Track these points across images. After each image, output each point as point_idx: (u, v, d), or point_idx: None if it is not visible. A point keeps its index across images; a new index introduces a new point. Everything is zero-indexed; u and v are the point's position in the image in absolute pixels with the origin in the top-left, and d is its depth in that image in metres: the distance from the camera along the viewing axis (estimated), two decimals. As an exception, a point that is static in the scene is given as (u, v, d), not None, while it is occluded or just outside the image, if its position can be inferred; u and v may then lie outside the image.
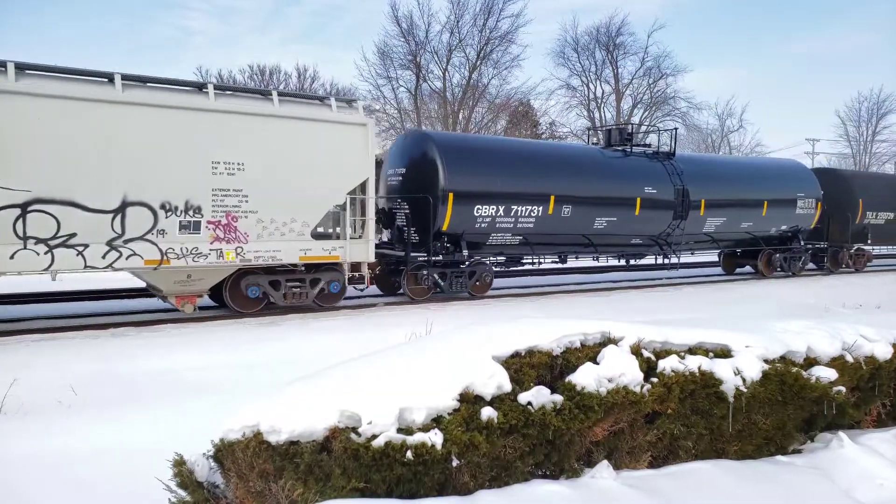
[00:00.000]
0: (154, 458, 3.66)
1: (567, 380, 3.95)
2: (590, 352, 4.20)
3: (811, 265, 20.73)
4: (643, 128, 18.11)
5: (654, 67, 45.50)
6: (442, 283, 13.07)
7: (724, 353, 4.66)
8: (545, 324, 4.34)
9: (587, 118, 46.42)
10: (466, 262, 13.48)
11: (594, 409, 3.82)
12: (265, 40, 63.80)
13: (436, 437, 3.30)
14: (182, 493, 3.36)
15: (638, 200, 15.31)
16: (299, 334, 9.60)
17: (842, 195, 20.45)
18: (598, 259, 16.85)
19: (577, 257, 16.32)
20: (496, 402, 3.64)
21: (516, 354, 3.97)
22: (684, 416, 4.29)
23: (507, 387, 3.71)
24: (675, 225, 15.95)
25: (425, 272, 12.97)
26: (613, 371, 4.03)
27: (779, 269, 18.85)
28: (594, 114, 46.57)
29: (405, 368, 3.70)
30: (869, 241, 21.55)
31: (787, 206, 18.27)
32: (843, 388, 4.87)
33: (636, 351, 4.32)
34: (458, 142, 14.13)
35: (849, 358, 5.11)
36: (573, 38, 46.26)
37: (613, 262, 17.44)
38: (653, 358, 4.37)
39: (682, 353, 4.50)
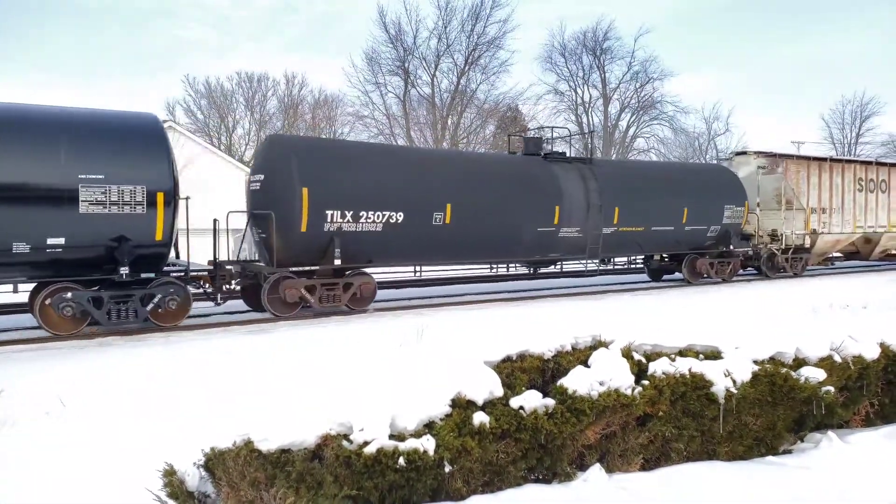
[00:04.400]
0: (144, 468, 3.63)
1: (559, 383, 3.96)
2: (581, 355, 4.21)
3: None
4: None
5: (641, 72, 45.88)
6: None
7: (714, 354, 4.69)
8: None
9: (575, 123, 46.66)
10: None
11: (586, 412, 3.83)
12: (261, 49, 63.79)
13: (428, 443, 3.29)
14: (172, 503, 3.33)
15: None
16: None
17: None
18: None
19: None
20: (488, 406, 3.64)
21: (508, 359, 3.97)
22: (675, 418, 4.31)
23: (499, 391, 3.71)
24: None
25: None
26: (604, 374, 4.04)
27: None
28: (582, 118, 46.82)
29: (397, 374, 3.69)
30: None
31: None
32: (831, 388, 4.91)
33: (627, 354, 4.34)
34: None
35: (837, 358, 5.15)
36: (560, 43, 46.63)
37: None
38: (643, 360, 4.39)
39: (673, 356, 4.53)
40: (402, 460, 3.18)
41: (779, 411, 4.76)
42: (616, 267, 18.58)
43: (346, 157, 12.31)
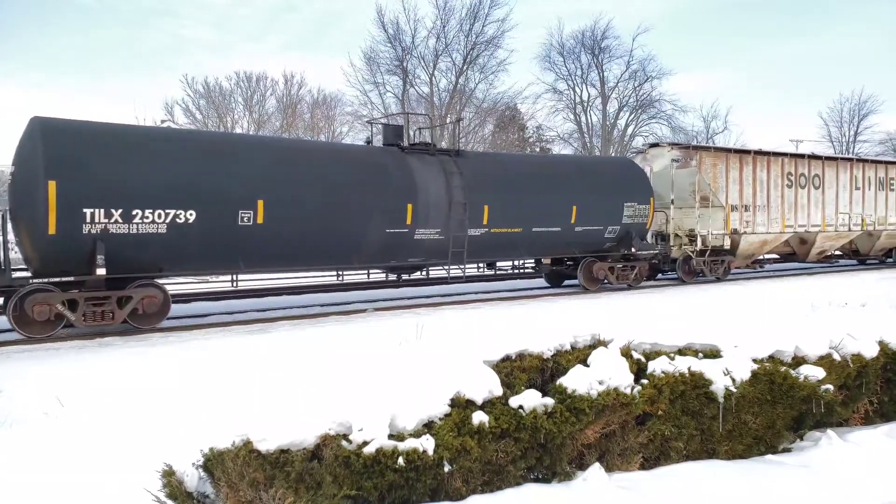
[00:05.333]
0: (143, 469, 3.62)
1: (558, 383, 3.95)
2: (580, 354, 4.21)
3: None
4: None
5: (640, 70, 45.83)
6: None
7: (713, 353, 4.69)
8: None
9: (574, 122, 46.68)
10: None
11: (585, 411, 3.82)
12: (260, 48, 63.73)
13: (427, 443, 3.28)
14: (171, 503, 3.32)
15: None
16: None
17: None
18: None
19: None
20: (487, 406, 3.64)
21: (507, 358, 3.97)
22: (675, 417, 4.31)
23: (499, 391, 3.71)
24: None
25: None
26: (604, 373, 4.04)
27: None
28: (580, 117, 46.83)
29: (397, 374, 3.69)
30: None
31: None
32: (830, 387, 4.91)
33: (626, 353, 4.34)
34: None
35: (836, 356, 5.15)
36: (559, 42, 46.51)
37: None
38: (643, 359, 4.39)
39: (672, 355, 4.53)
40: (401, 460, 3.18)
41: (778, 410, 4.76)
42: (501, 272, 16.56)
43: (113, 144, 9.92)
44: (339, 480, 3.10)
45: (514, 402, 3.71)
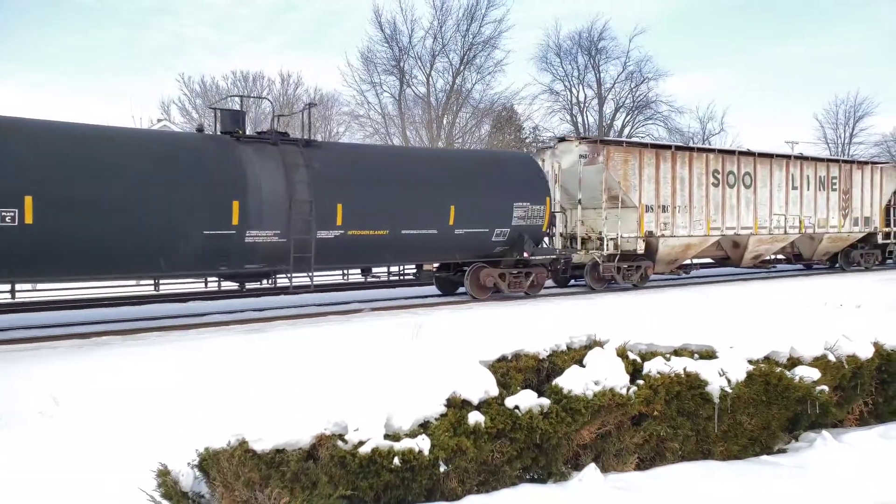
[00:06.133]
0: (138, 468, 3.61)
1: (554, 383, 3.96)
2: (576, 355, 4.22)
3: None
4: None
5: (636, 71, 45.88)
6: None
7: (708, 354, 4.70)
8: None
9: (570, 122, 46.70)
10: None
11: (581, 412, 3.83)
12: (260, 47, 63.68)
13: (423, 443, 3.28)
14: (166, 503, 3.31)
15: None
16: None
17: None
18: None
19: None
20: (483, 406, 3.64)
21: (503, 358, 3.97)
22: (670, 417, 4.31)
23: (494, 391, 3.71)
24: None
25: None
26: (600, 374, 4.05)
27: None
28: (577, 118, 46.85)
29: (393, 374, 3.69)
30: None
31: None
32: (825, 388, 4.92)
33: (622, 353, 4.34)
34: None
35: (831, 357, 5.16)
36: (556, 43, 46.50)
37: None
38: (638, 360, 4.39)
39: (668, 355, 4.53)
40: (397, 460, 3.18)
41: (773, 411, 4.78)
42: (374, 280, 14.53)
43: None
44: (334, 480, 3.10)
45: (509, 402, 3.71)
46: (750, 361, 4.73)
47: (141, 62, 58.71)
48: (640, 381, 4.23)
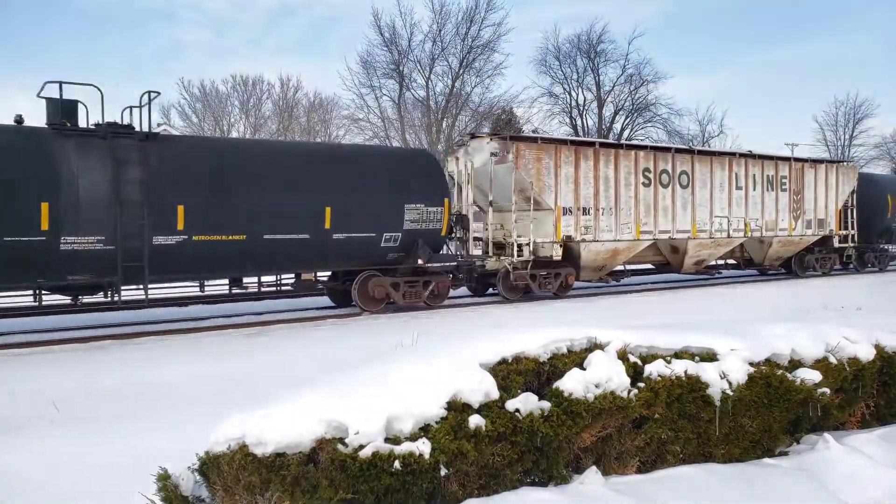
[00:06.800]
0: (138, 472, 3.60)
1: (554, 386, 3.95)
2: (577, 357, 4.20)
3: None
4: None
5: (636, 74, 45.93)
6: None
7: (709, 356, 4.68)
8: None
9: (569, 125, 46.71)
10: None
11: (582, 415, 3.82)
12: (259, 52, 63.85)
13: (424, 447, 3.27)
14: (166, 508, 3.30)
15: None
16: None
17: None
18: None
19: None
20: (484, 409, 3.63)
21: (503, 361, 3.96)
22: (671, 420, 4.30)
23: (495, 394, 3.70)
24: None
25: None
26: (600, 376, 4.03)
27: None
28: (576, 121, 46.89)
29: (392, 377, 3.68)
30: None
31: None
32: (827, 390, 4.91)
33: (623, 356, 4.33)
34: None
35: (832, 359, 5.15)
36: (555, 46, 46.56)
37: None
38: (639, 363, 4.38)
39: (669, 358, 4.52)
40: (397, 464, 3.17)
41: (775, 413, 4.76)
42: (241, 292, 13.07)
43: None
44: (335, 484, 3.09)
45: (510, 405, 3.70)
46: (751, 364, 4.72)
47: (140, 67, 58.87)
48: (641, 384, 4.22)
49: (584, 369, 4.10)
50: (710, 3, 72.74)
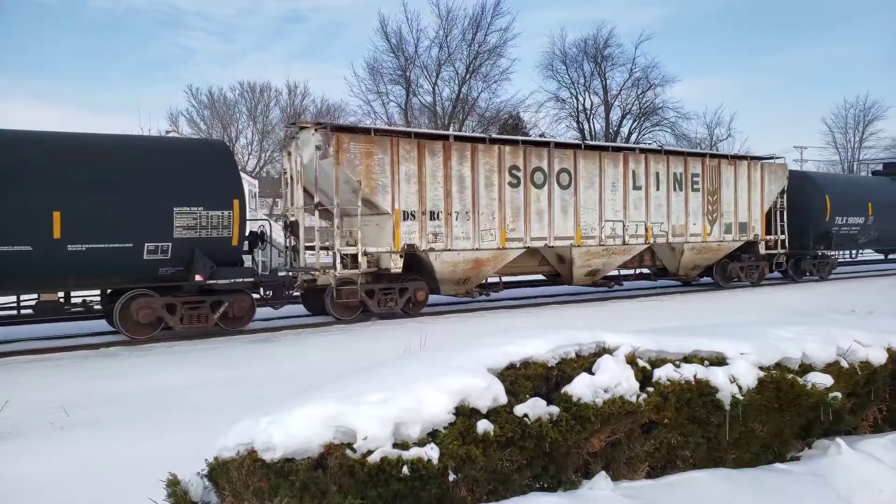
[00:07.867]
0: (148, 478, 3.61)
1: (563, 391, 3.93)
2: (585, 362, 4.19)
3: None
4: None
5: (643, 78, 45.88)
6: None
7: (719, 360, 4.66)
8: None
9: (577, 129, 46.69)
10: None
11: (591, 420, 3.80)
12: (266, 58, 64.31)
13: (432, 452, 3.27)
14: (176, 513, 3.31)
15: None
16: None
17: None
18: None
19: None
20: (492, 414, 3.62)
21: (511, 366, 3.95)
22: (681, 425, 4.28)
23: (503, 399, 3.69)
24: None
25: None
26: (609, 381, 4.02)
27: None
28: (583, 125, 46.86)
29: (400, 382, 3.67)
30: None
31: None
32: (839, 394, 4.87)
33: (631, 360, 4.31)
34: None
35: (844, 363, 5.11)
36: (561, 50, 46.61)
37: None
38: (648, 367, 4.36)
39: (678, 362, 4.49)
40: (406, 469, 3.16)
41: (786, 418, 4.73)
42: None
43: None
44: (343, 489, 3.09)
45: (518, 410, 3.69)
46: (761, 368, 4.69)
47: (148, 74, 59.34)
48: (650, 389, 4.20)
49: (593, 374, 4.09)
50: (717, 6, 72.71)
